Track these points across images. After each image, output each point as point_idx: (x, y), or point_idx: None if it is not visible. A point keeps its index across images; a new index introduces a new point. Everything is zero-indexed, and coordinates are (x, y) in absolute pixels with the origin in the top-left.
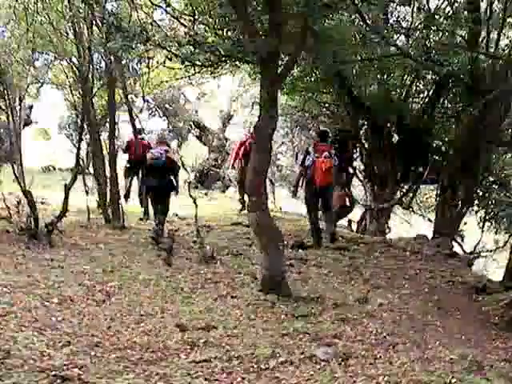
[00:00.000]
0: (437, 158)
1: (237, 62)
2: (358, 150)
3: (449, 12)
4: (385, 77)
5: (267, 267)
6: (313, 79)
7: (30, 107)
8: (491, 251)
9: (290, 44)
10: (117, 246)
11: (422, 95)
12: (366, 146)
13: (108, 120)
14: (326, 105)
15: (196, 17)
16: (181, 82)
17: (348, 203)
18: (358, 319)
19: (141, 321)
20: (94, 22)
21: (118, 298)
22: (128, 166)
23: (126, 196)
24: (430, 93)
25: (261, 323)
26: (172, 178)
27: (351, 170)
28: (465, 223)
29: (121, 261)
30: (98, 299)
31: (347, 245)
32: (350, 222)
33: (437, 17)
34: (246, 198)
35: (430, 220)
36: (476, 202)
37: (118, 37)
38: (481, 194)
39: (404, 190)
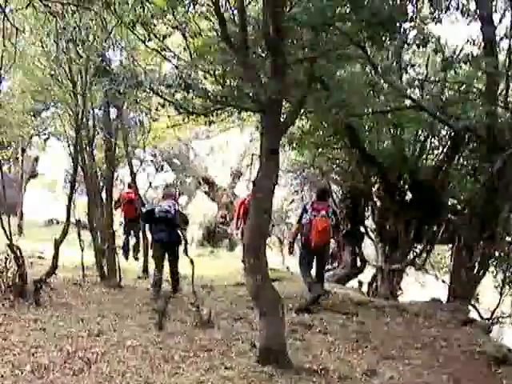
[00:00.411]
0: (452, 217)
1: (235, 110)
2: (369, 208)
3: (468, 55)
4: (398, 131)
5: (266, 336)
6: (322, 133)
7: (36, 159)
8: (510, 316)
9: (295, 91)
10: (109, 306)
11: (436, 151)
12: (378, 204)
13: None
14: (337, 161)
15: (195, 63)
16: (189, 135)
17: (358, 263)
18: None
19: None
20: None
21: (99, 367)
22: (125, 222)
23: (127, 253)
24: (445, 149)
25: None
26: (178, 231)
27: (362, 229)
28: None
29: (110, 323)
30: (77, 368)
31: (356, 309)
32: (360, 283)
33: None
34: None
35: (443, 281)
36: (494, 263)
37: (105, 80)
38: (499, 255)
39: (417, 250)
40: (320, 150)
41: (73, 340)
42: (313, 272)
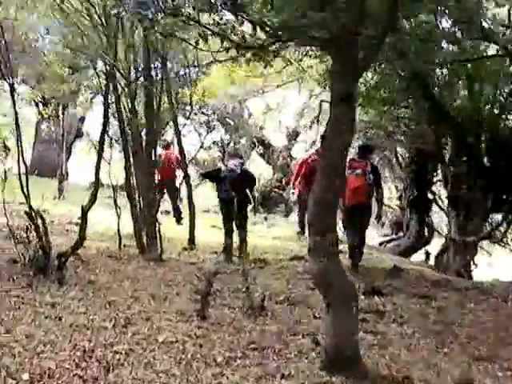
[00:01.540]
0: None
1: (296, 45)
2: (439, 173)
3: None
4: (476, 86)
5: (333, 335)
6: (392, 88)
7: (82, 119)
8: None
9: (373, 25)
10: (145, 285)
11: None
12: (451, 168)
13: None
14: (404, 120)
15: None
16: (243, 91)
17: (426, 233)
18: None
19: None
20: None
21: (120, 375)
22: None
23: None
24: None
25: None
26: (247, 191)
27: (430, 196)
28: None
29: (143, 308)
30: (90, 376)
31: (433, 291)
32: (427, 254)
33: None
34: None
35: None
36: None
37: (132, 3)
38: None
39: (492, 221)
40: (386, 107)
41: (93, 333)
42: None
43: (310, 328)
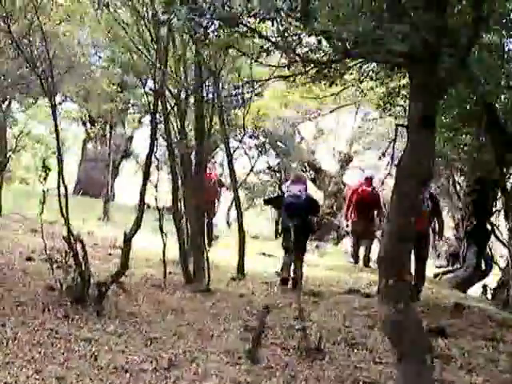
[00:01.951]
0: None
1: (368, 63)
2: (498, 203)
3: None
4: None
5: None
6: (455, 115)
7: (130, 138)
8: None
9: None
10: (191, 319)
11: None
12: None
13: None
14: (465, 148)
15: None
16: (296, 115)
17: (483, 265)
18: None
19: None
20: None
21: None
22: None
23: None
24: None
25: None
26: (310, 218)
27: (489, 226)
28: None
29: (188, 347)
30: None
31: (500, 332)
32: (485, 287)
33: None
34: (360, 252)
35: None
36: None
37: (184, 10)
38: None
39: None
40: (449, 134)
41: (131, 377)
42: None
43: (372, 375)
